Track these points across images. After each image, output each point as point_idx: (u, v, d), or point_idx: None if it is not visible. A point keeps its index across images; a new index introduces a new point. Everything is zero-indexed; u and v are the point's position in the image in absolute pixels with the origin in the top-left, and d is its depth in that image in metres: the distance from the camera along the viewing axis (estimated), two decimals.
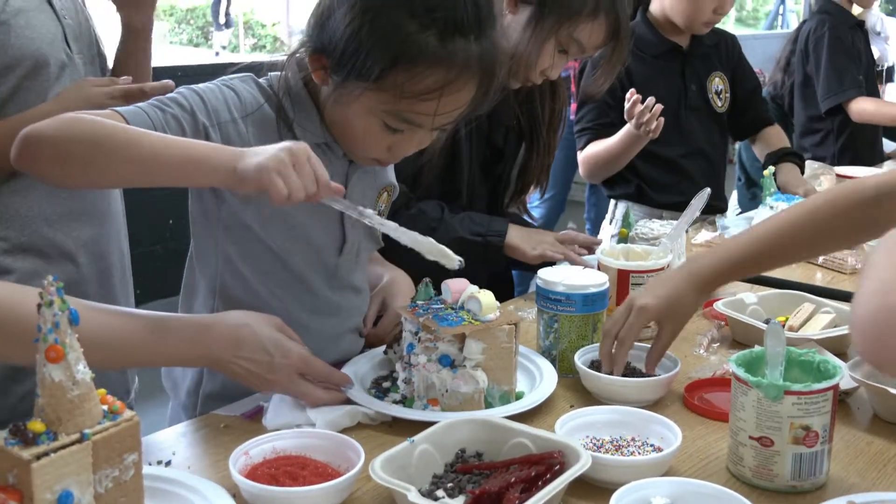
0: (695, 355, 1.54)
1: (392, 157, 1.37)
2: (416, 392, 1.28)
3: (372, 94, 1.26)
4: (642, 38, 2.49)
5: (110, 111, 1.23)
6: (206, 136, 1.27)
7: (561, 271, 1.50)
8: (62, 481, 0.81)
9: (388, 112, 1.27)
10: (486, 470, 1.09)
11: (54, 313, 0.82)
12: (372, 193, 1.47)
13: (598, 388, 1.36)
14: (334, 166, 1.39)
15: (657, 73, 2.48)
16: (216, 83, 1.33)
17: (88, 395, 0.84)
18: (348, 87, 1.28)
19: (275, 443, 1.13)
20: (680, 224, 1.79)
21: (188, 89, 1.30)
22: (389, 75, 1.24)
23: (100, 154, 1.16)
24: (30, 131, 1.16)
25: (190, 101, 1.28)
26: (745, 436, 1.12)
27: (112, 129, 1.17)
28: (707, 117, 2.54)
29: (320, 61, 1.30)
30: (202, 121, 1.27)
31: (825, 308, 1.62)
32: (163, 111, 1.25)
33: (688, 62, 2.52)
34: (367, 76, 1.25)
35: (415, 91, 1.24)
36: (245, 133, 1.31)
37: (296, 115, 1.35)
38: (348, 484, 1.06)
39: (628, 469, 1.10)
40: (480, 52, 1.27)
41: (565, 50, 1.74)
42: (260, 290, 1.37)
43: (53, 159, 1.16)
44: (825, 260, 2.07)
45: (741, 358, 1.17)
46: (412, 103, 1.25)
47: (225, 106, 1.30)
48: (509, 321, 1.30)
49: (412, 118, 1.28)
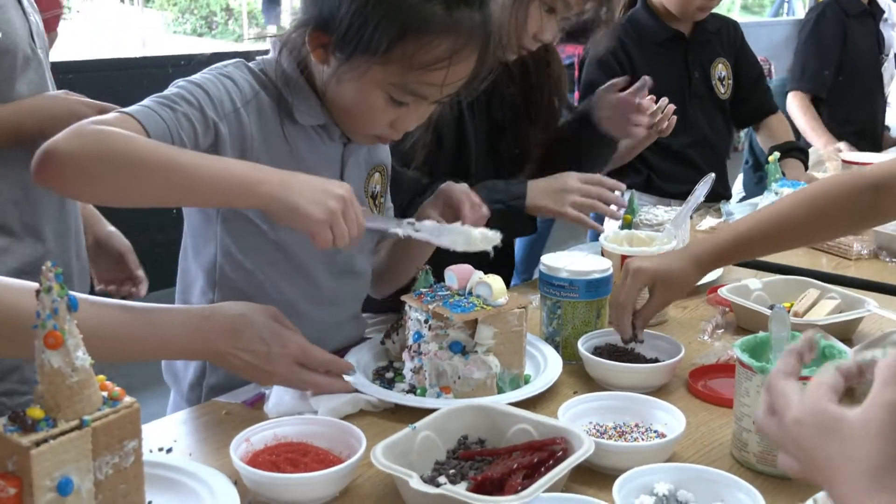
0: (699, 341, 1.53)
1: (394, 133, 1.36)
2: (428, 380, 1.28)
3: (379, 67, 1.25)
4: (643, 25, 2.49)
5: (121, 114, 1.18)
6: (216, 131, 1.26)
7: (564, 257, 1.50)
8: (62, 468, 0.81)
9: (396, 85, 1.27)
10: (488, 456, 1.09)
11: (53, 299, 0.81)
12: (364, 175, 1.47)
13: (601, 375, 1.36)
14: (329, 149, 1.39)
15: (660, 60, 2.46)
16: (212, 73, 1.31)
17: (88, 381, 0.84)
18: (354, 63, 1.27)
19: (276, 430, 1.13)
20: (684, 210, 1.78)
21: (189, 83, 1.28)
22: (398, 47, 1.23)
23: (136, 178, 1.13)
24: (52, 147, 1.11)
25: (196, 95, 1.26)
26: (749, 421, 1.12)
27: (146, 151, 1.13)
28: (710, 105, 2.53)
29: (320, 39, 1.29)
30: (211, 116, 1.25)
31: (830, 294, 1.61)
32: (173, 110, 1.22)
33: (690, 49, 2.50)
34: (375, 50, 1.24)
35: (424, 61, 1.24)
36: (247, 121, 1.30)
37: (294, 99, 1.34)
38: (350, 470, 1.05)
39: (631, 455, 1.10)
40: (483, 20, 1.28)
41: (552, 8, 1.71)
42: (261, 281, 1.37)
43: (82, 178, 1.13)
44: (830, 246, 2.05)
45: (746, 343, 1.16)
46: (421, 74, 1.25)
47: (227, 96, 1.29)
48: (519, 305, 1.30)
49: (419, 90, 1.28)
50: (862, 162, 2.47)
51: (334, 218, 1.15)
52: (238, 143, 1.29)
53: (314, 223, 1.15)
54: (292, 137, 1.35)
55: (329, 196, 1.16)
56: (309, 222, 1.15)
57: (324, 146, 1.39)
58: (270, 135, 1.32)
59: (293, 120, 1.34)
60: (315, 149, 1.37)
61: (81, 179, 1.13)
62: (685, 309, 1.70)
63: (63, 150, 1.11)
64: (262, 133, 1.31)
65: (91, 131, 1.13)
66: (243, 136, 1.29)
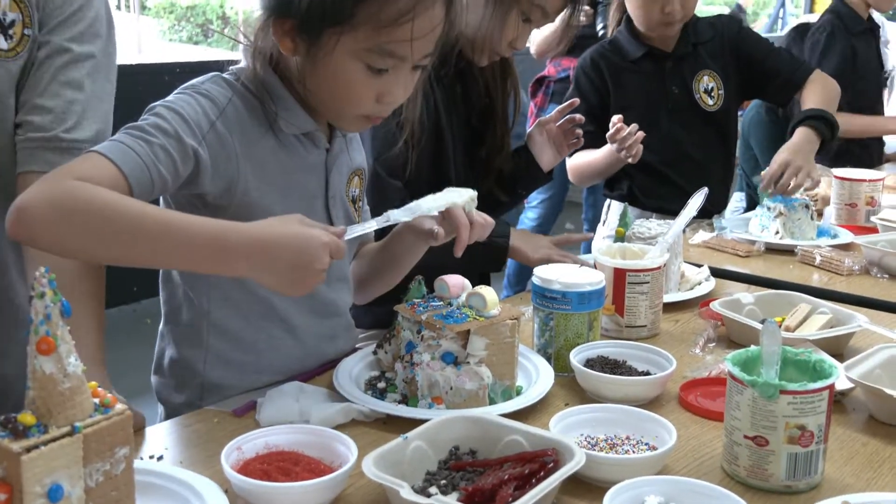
0: (690, 355, 1.54)
1: (383, 108, 1.33)
2: (420, 391, 1.28)
3: (348, 36, 1.24)
4: (620, 44, 2.49)
5: (95, 154, 1.14)
6: (196, 159, 1.22)
7: (557, 269, 1.50)
8: (52, 474, 0.81)
9: (370, 50, 1.25)
10: (479, 467, 1.09)
11: (46, 305, 0.81)
12: (345, 180, 1.46)
13: (593, 387, 1.36)
14: (313, 157, 1.38)
15: (636, 78, 2.46)
16: (188, 92, 1.28)
17: (80, 387, 0.84)
18: (323, 39, 1.25)
19: (267, 438, 1.12)
20: (677, 224, 1.78)
21: (165, 108, 1.23)
22: (361, 9, 1.22)
23: (102, 242, 1.11)
24: (23, 204, 1.08)
25: (172, 123, 1.21)
26: (739, 435, 1.12)
27: (112, 214, 1.10)
28: (695, 119, 2.48)
29: (283, 26, 1.27)
30: (189, 143, 1.21)
31: (821, 309, 1.62)
32: (149, 143, 1.17)
33: (669, 65, 2.47)
34: (340, 18, 1.23)
35: (390, 17, 1.22)
36: (228, 138, 1.27)
37: (277, 108, 1.33)
38: (341, 480, 1.05)
39: (622, 467, 1.10)
40: None
41: (529, 18, 1.74)
42: (254, 288, 1.36)
43: (50, 238, 1.10)
44: (822, 261, 2.06)
45: (737, 357, 1.17)
46: (390, 31, 1.23)
47: (205, 117, 1.26)
48: (511, 316, 1.30)
49: (394, 49, 1.26)
50: (857, 178, 2.48)
51: (322, 277, 1.16)
52: (221, 161, 1.26)
53: (305, 291, 1.16)
54: (277, 149, 1.33)
55: (313, 274, 1.15)
56: (300, 292, 1.17)
57: (308, 154, 1.38)
58: (254, 148, 1.30)
59: (277, 129, 1.33)
60: (300, 157, 1.36)
61: (50, 239, 1.10)
62: (677, 322, 1.71)
63: (32, 208, 1.08)
64: (246, 147, 1.29)
65: (61, 190, 1.09)
66: (226, 154, 1.27)
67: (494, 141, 1.96)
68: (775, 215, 2.24)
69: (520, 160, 2.01)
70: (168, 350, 1.42)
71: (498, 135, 1.96)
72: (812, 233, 2.25)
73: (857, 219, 2.46)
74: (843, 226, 2.38)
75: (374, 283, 1.57)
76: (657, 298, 1.63)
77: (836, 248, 2.13)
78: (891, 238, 2.13)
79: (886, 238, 2.13)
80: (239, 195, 1.29)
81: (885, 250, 2.03)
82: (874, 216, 2.38)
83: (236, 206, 1.29)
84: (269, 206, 1.31)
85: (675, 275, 1.83)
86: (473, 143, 1.94)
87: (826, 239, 2.24)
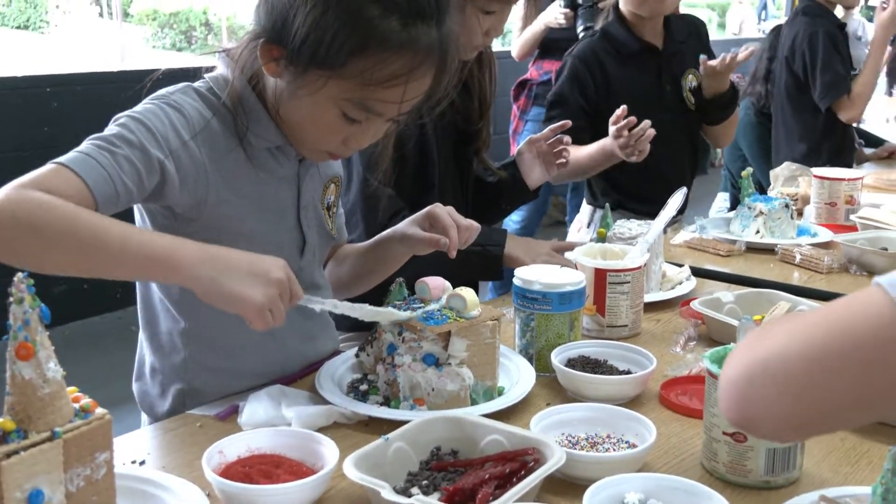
0: (671, 353, 1.55)
1: (346, 150, 1.35)
2: (402, 392, 1.29)
3: (335, 82, 1.24)
4: (616, 37, 2.46)
5: (56, 166, 1.13)
6: (162, 170, 1.21)
7: (538, 270, 1.51)
8: (32, 480, 0.81)
9: (351, 101, 1.25)
10: (460, 467, 1.09)
11: (24, 310, 0.81)
12: (319, 188, 1.46)
13: (574, 386, 1.37)
14: (285, 168, 1.38)
15: (634, 73, 2.45)
16: (157, 103, 1.26)
17: (59, 393, 0.84)
18: (309, 78, 1.25)
19: (249, 441, 1.13)
20: (657, 223, 1.79)
21: (131, 119, 1.22)
22: (354, 62, 1.22)
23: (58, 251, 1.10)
24: None
25: (137, 134, 1.20)
26: (718, 432, 1.13)
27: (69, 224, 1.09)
28: (680, 118, 2.49)
29: (272, 53, 1.26)
30: (155, 155, 1.20)
31: (801, 306, 1.63)
32: (113, 154, 1.16)
33: (663, 61, 2.47)
34: (332, 64, 1.22)
35: (381, 77, 1.22)
36: (198, 153, 1.26)
37: (248, 121, 1.31)
38: (322, 482, 1.06)
39: (602, 465, 1.11)
40: (440, 38, 1.26)
41: (488, 10, 1.74)
42: None
43: (6, 249, 1.09)
44: (802, 259, 2.08)
45: (715, 354, 1.18)
46: (377, 90, 1.24)
47: (173, 130, 1.24)
48: (492, 317, 1.31)
49: (375, 106, 1.26)
50: (833, 177, 2.50)
51: (274, 304, 1.15)
52: (190, 176, 1.25)
53: (253, 311, 1.14)
54: (248, 161, 1.32)
55: (267, 283, 1.15)
56: (248, 311, 1.14)
57: (280, 166, 1.37)
58: (224, 161, 1.30)
59: (247, 143, 1.32)
60: (271, 170, 1.36)
61: (5, 250, 1.09)
62: (658, 322, 1.72)
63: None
64: (215, 161, 1.28)
65: (18, 200, 1.08)
66: (195, 170, 1.26)
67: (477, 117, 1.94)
68: (756, 214, 2.26)
69: (506, 175, 2.00)
70: (148, 358, 1.42)
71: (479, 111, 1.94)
72: (792, 232, 2.27)
73: (836, 217, 2.48)
74: (823, 224, 2.40)
75: (354, 285, 1.57)
76: (638, 298, 1.64)
77: (815, 247, 2.14)
78: (870, 236, 2.15)
79: (865, 236, 2.15)
80: (210, 207, 1.28)
81: (865, 248, 2.05)
82: (853, 215, 2.40)
83: (207, 217, 1.29)
84: (241, 217, 1.31)
85: (656, 274, 1.85)
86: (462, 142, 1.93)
87: (806, 238, 2.26)
